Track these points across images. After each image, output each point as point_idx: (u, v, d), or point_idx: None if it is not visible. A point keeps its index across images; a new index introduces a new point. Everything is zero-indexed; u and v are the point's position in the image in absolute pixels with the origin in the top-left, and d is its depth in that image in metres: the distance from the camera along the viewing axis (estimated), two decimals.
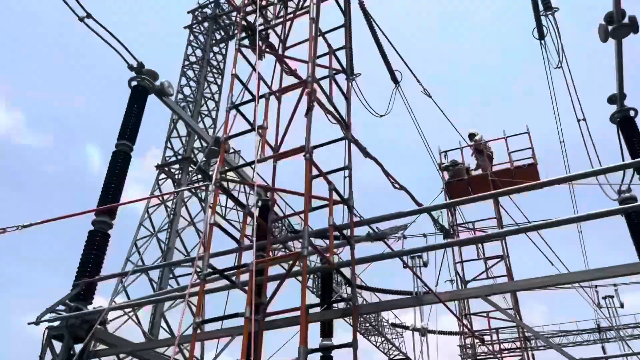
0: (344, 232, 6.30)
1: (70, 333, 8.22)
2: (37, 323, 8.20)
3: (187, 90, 28.06)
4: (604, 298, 31.29)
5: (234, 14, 29.82)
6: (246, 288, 5.51)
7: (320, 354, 14.26)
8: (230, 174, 8.18)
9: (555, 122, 13.11)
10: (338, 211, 6.60)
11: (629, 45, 10.59)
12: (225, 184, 8.08)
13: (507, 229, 12.20)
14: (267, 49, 7.44)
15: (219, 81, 29.79)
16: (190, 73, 28.85)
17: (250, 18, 7.88)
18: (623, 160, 12.75)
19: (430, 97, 11.81)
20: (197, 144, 26.49)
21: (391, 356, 37.18)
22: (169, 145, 25.94)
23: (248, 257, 6.46)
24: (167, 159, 25.62)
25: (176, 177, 24.90)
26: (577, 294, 12.20)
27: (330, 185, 6.02)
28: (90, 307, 8.57)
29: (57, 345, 8.40)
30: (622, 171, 12.94)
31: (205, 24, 30.59)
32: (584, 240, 15.82)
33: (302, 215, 5.64)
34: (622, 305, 31.25)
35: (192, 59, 29.22)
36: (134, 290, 20.46)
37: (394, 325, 38.57)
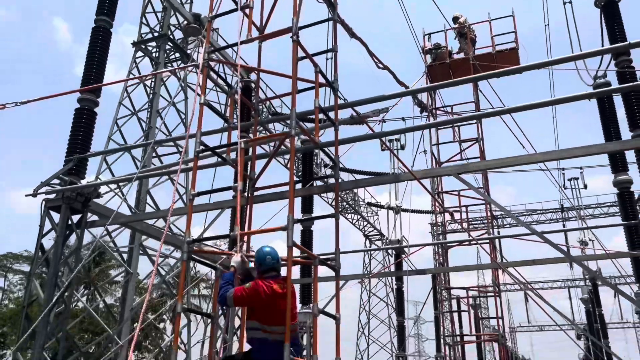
0: (329, 114, 6.59)
1: (67, 205, 8.68)
2: (34, 195, 8.62)
3: None
4: (570, 180, 33.02)
5: None
6: (236, 164, 5.88)
7: (301, 227, 15.26)
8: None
9: (542, 3, 13.01)
10: (322, 94, 6.83)
11: None
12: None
13: (483, 112, 12.63)
14: None
15: None
16: None
17: None
18: (603, 44, 12.95)
19: None
20: (173, 20, 25.51)
21: (366, 232, 39.44)
22: (144, 21, 24.95)
23: (235, 137, 6.79)
24: (143, 36, 24.79)
25: (154, 55, 24.31)
26: (545, 176, 12.90)
27: (317, 68, 6.19)
28: (83, 182, 8.98)
29: (55, 218, 8.92)
30: (599, 57, 13.24)
31: None
32: (558, 126, 16.43)
33: (284, 98, 5.88)
34: (585, 187, 33.12)
35: None
36: (117, 169, 20.91)
37: (369, 204, 40.41)
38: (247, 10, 6.36)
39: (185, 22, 13.14)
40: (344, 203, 34.38)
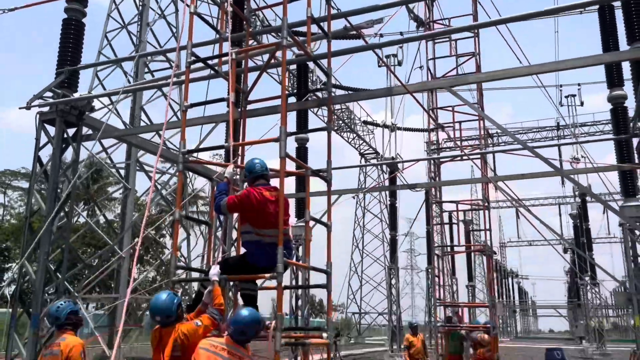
0: (322, 25, 6.48)
1: (61, 118, 8.70)
2: (27, 108, 8.62)
3: None
4: (567, 97, 32.94)
5: None
6: (228, 77, 5.88)
7: (296, 145, 15.40)
8: None
9: None
10: (315, 5, 6.67)
11: None
12: None
13: (480, 22, 12.33)
14: None
15: None
16: None
17: None
18: None
19: None
20: None
21: (362, 151, 39.69)
22: None
23: (227, 49, 6.72)
24: None
25: None
26: (542, 94, 12.83)
27: None
28: (76, 96, 8.95)
29: (50, 132, 8.97)
30: None
31: None
32: (559, 46, 16.12)
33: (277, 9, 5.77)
34: (582, 104, 33.09)
35: None
36: (109, 84, 20.65)
37: (365, 122, 40.34)
38: None
39: None
40: (340, 121, 34.29)
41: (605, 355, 27.79)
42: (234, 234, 11.53)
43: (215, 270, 4.79)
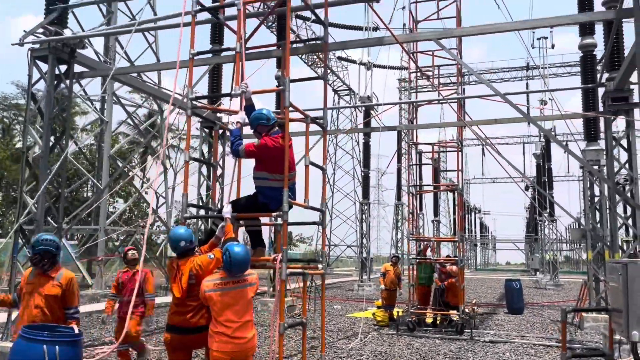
0: None
1: (54, 55, 8.79)
2: (20, 44, 8.66)
3: None
4: (539, 39, 33.52)
5: None
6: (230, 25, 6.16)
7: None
8: None
9: None
10: None
11: None
12: None
13: None
14: None
15: None
16: None
17: None
18: None
19: None
20: None
21: (335, 87, 39.75)
22: None
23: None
24: None
25: None
26: (515, 35, 13.19)
27: None
28: (68, 33, 8.99)
29: (42, 68, 9.05)
30: None
31: None
32: None
33: None
34: (552, 47, 33.83)
35: None
36: (84, 19, 20.05)
37: (340, 58, 40.15)
38: None
39: None
40: (314, 56, 34.09)
41: (557, 286, 30.00)
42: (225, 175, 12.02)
43: (228, 209, 5.33)
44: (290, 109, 5.65)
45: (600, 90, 11.33)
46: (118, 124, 29.64)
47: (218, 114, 10.95)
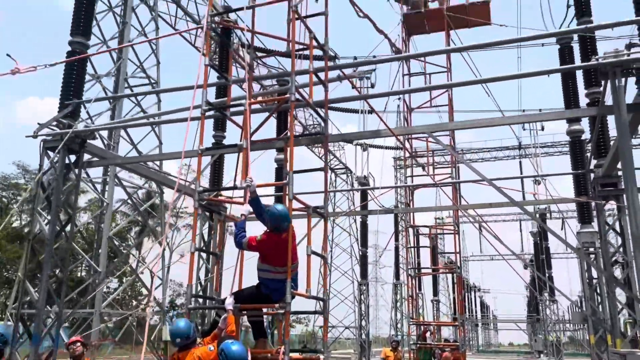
0: (319, 74, 7.23)
1: (65, 146, 9.18)
2: (34, 136, 9.06)
3: None
4: (529, 122, 34.64)
5: None
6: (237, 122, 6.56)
7: (276, 165, 16.11)
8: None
9: None
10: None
11: None
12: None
13: (449, 47, 13.33)
14: None
15: None
16: None
17: None
18: (568, 3, 13.70)
19: None
20: None
21: (332, 165, 40.59)
22: None
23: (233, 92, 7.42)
24: None
25: None
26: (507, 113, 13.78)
27: (311, 34, 6.78)
28: (80, 126, 9.43)
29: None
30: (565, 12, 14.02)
31: None
32: (521, 67, 17.36)
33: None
34: (542, 129, 34.93)
35: None
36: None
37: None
38: None
39: None
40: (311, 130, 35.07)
41: None
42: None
43: (230, 300, 5.46)
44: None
45: (591, 175, 11.72)
46: (117, 201, 29.88)
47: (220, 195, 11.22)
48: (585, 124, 13.67)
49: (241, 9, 6.68)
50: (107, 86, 22.96)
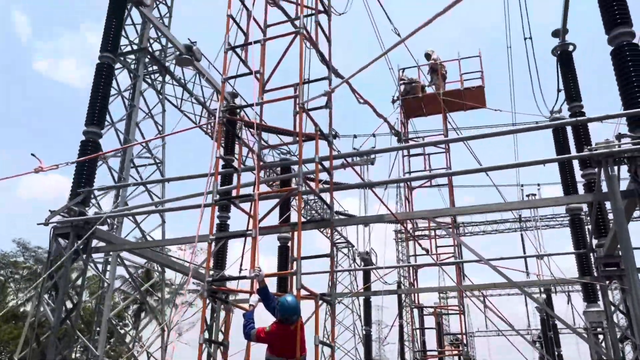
0: (323, 163, 7.55)
1: (75, 232, 9.36)
2: (46, 224, 9.26)
3: None
4: (527, 196, 35.05)
5: None
6: (247, 211, 6.80)
7: (279, 243, 16.21)
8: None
9: (506, 40, 14.29)
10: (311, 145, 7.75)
11: None
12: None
13: (450, 138, 13.83)
14: None
15: None
16: None
17: None
18: (558, 87, 14.38)
19: (399, 35, 12.64)
20: (152, 33, 26.01)
21: (333, 240, 40.50)
22: (122, 33, 25.36)
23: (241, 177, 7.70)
24: (122, 48, 25.17)
25: (132, 67, 24.76)
26: (504, 190, 14.12)
27: (317, 127, 7.16)
28: (90, 212, 9.67)
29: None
30: (556, 95, 14.68)
31: None
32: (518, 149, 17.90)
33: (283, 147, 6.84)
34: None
35: None
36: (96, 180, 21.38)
37: (337, 212, 41.47)
38: (258, 76, 7.28)
39: (178, 52, 13.85)
40: (313, 212, 35.31)
41: None
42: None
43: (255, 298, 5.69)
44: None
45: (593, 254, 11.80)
46: (115, 279, 29.64)
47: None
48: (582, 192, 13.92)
49: (251, 105, 7.09)
50: (113, 166, 23.58)
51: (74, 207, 9.37)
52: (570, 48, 13.19)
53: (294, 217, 12.91)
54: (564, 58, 13.25)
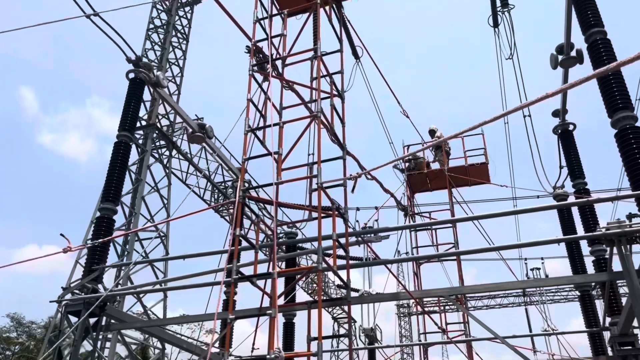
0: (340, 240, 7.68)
1: (86, 310, 9.30)
2: (58, 302, 9.23)
3: (151, 55, 28.13)
4: (532, 270, 34.81)
5: None
6: (267, 289, 6.85)
7: (284, 320, 15.97)
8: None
9: (505, 128, 14.84)
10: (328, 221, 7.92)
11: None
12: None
13: (457, 218, 13.98)
14: (275, 74, 8.53)
15: (183, 46, 29.99)
16: (155, 37, 28.81)
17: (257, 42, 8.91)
18: (560, 164, 14.76)
19: (407, 117, 13.23)
20: (161, 109, 26.87)
21: (334, 315, 39.77)
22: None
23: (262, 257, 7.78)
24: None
25: (140, 141, 25.37)
26: (508, 263, 14.11)
27: (334, 205, 7.35)
28: (100, 287, 9.66)
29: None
30: (558, 171, 15.03)
31: None
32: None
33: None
34: (546, 276, 34.93)
35: (157, 22, 29.13)
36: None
37: (339, 286, 41.01)
38: (276, 157, 7.57)
39: (190, 130, 14.30)
40: (314, 284, 34.92)
41: None
42: None
43: None
44: None
45: (606, 333, 11.65)
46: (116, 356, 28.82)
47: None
48: (589, 267, 13.93)
49: (270, 184, 7.32)
50: (117, 239, 23.58)
51: (87, 284, 9.38)
52: (571, 127, 13.66)
53: (299, 295, 12.82)
54: (565, 137, 13.68)
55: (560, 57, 11.84)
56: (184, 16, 30.51)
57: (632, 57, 3.14)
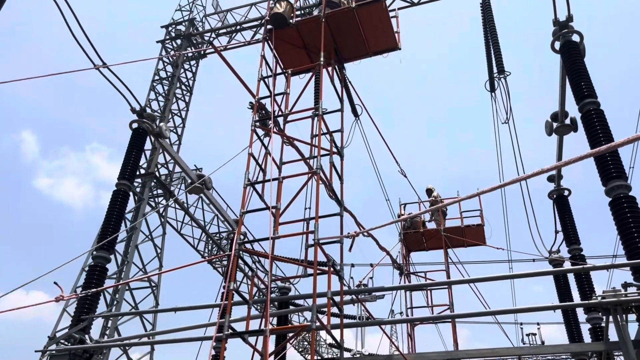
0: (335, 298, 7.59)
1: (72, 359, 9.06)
2: (43, 352, 9.02)
3: (155, 105, 28.64)
4: (528, 335, 34.11)
5: (207, 34, 30.83)
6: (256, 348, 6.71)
7: None
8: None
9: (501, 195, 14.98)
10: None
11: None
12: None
13: (453, 280, 13.87)
14: (276, 130, 8.69)
15: (187, 98, 30.57)
16: (159, 88, 29.40)
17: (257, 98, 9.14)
18: (556, 229, 14.80)
19: (405, 177, 13.43)
20: (160, 158, 27.08)
21: None
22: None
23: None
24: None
25: (137, 189, 25.40)
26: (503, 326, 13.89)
27: (329, 262, 7.32)
28: (87, 338, 9.45)
29: None
30: (554, 235, 15.05)
31: (178, 41, 31.24)
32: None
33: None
34: (543, 343, 34.21)
35: (162, 74, 29.82)
36: None
37: (331, 345, 39.97)
38: (274, 211, 7.61)
39: (190, 181, 14.43)
40: (305, 342, 34.02)
41: None
42: None
43: None
44: None
45: None
46: None
47: None
48: (586, 334, 13.71)
49: (267, 239, 7.32)
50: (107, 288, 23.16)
51: (75, 334, 9.18)
52: (566, 193, 13.80)
53: (290, 353, 12.48)
54: (561, 202, 13.80)
55: (555, 124, 12.15)
56: (189, 69, 31.27)
57: (624, 140, 3.25)
